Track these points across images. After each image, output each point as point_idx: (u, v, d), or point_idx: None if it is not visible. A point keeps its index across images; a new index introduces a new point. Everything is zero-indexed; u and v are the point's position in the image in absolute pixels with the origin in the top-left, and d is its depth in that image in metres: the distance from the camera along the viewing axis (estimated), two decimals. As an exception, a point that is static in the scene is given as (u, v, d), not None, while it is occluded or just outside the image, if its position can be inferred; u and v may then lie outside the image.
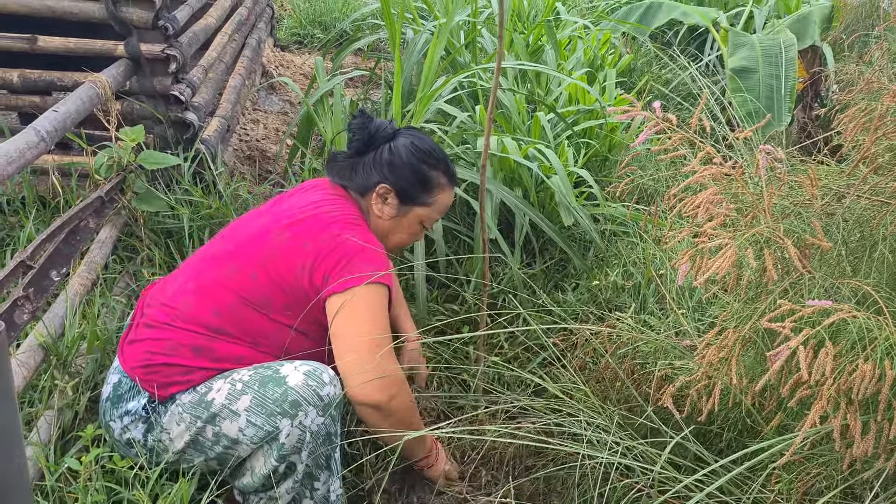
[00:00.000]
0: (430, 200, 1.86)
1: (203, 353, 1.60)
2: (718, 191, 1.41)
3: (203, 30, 3.10)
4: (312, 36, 5.41)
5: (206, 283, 1.66)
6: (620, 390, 1.86)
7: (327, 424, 1.58)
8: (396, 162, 1.80)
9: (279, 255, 1.65)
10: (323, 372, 1.58)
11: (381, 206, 1.82)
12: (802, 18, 4.20)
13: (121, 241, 2.47)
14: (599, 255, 2.75)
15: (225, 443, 1.56)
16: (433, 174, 1.84)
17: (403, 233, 1.88)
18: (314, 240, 1.65)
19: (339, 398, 1.59)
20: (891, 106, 1.43)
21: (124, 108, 2.70)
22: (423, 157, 1.82)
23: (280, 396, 1.53)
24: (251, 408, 1.53)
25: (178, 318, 1.63)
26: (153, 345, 1.61)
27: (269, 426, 1.53)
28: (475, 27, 3.48)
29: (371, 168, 1.80)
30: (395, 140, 1.83)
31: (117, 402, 1.61)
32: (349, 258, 1.63)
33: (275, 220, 1.72)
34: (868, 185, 1.46)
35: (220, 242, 1.75)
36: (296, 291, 1.65)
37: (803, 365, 1.14)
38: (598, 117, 3.23)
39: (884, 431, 1.19)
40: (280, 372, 1.56)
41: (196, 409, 1.56)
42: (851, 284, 1.33)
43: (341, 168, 1.84)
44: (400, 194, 1.81)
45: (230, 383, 1.57)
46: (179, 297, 1.66)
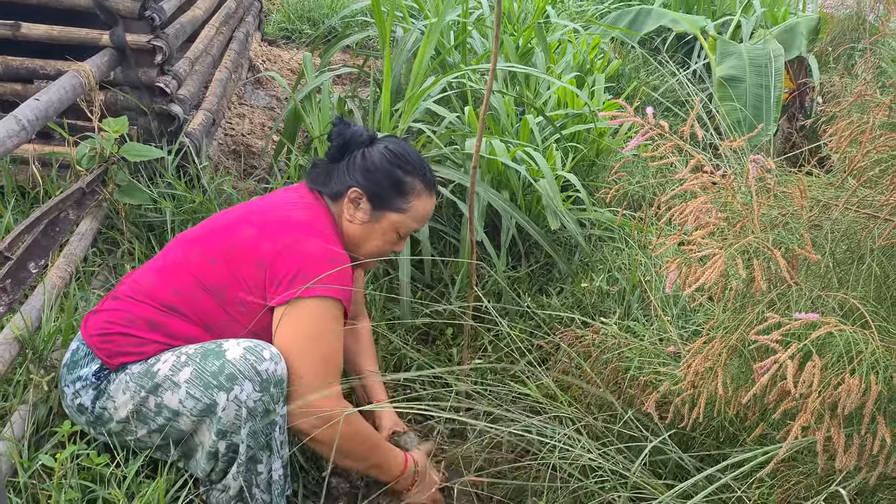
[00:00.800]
0: (405, 206, 1.80)
1: (158, 327, 1.61)
2: (708, 199, 1.41)
3: (190, 21, 3.07)
4: (301, 31, 5.37)
5: (170, 263, 1.69)
6: (602, 396, 1.86)
7: (265, 401, 1.54)
8: (369, 166, 1.78)
9: (240, 247, 1.65)
10: (264, 348, 1.56)
11: (352, 212, 1.79)
12: (790, 29, 4.23)
13: (101, 234, 2.44)
14: (585, 259, 2.74)
15: (166, 414, 1.57)
16: (408, 179, 1.80)
17: (377, 240, 1.82)
18: (274, 241, 1.64)
19: (281, 377, 1.56)
20: (881, 119, 1.43)
21: (108, 99, 2.66)
22: (398, 161, 1.79)
23: (218, 369, 1.53)
24: (191, 379, 1.54)
25: (140, 292, 1.65)
26: (113, 315, 1.63)
27: (206, 399, 1.53)
28: (465, 28, 3.47)
29: (345, 173, 1.79)
30: (371, 146, 1.81)
31: (73, 367, 1.63)
32: (302, 267, 1.60)
33: (246, 214, 1.73)
34: (856, 197, 1.47)
35: (196, 229, 1.78)
36: (251, 288, 1.64)
37: (790, 378, 1.13)
38: (587, 121, 3.23)
39: (866, 446, 1.19)
40: (222, 346, 1.57)
41: (141, 379, 1.57)
42: (838, 297, 1.33)
43: (318, 174, 1.84)
44: (372, 199, 1.78)
45: (176, 355, 1.58)
46: (147, 273, 1.70)
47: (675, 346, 1.81)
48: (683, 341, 1.88)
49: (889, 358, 1.19)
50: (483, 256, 2.69)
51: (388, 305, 2.46)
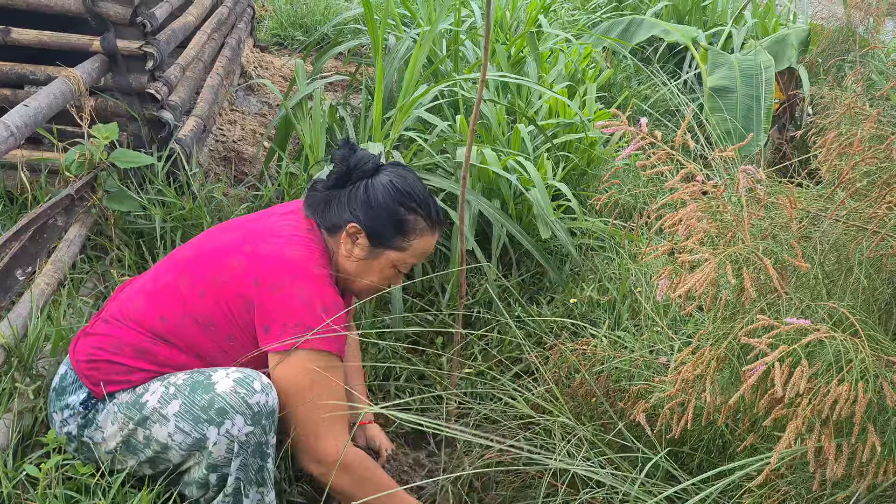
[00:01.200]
0: (406, 245, 1.70)
1: (145, 355, 1.57)
2: (699, 208, 1.41)
3: (182, 28, 3.06)
4: (293, 38, 5.37)
5: (160, 287, 1.62)
6: (594, 406, 1.85)
7: (257, 434, 1.51)
8: (371, 202, 1.66)
9: (230, 281, 1.57)
10: (254, 379, 1.51)
11: (350, 247, 1.68)
12: (780, 40, 4.25)
13: (90, 241, 2.42)
14: (576, 269, 2.74)
15: (155, 447, 1.53)
16: (410, 218, 1.69)
17: (374, 276, 1.72)
18: (264, 280, 1.55)
19: (273, 407, 1.52)
20: (870, 132, 1.44)
21: (98, 105, 2.65)
22: (401, 198, 1.67)
23: (207, 403, 1.48)
24: (180, 413, 1.49)
25: (129, 318, 1.60)
26: (102, 340, 1.59)
27: (196, 433, 1.49)
28: (458, 36, 3.48)
29: (345, 205, 1.67)
30: (376, 177, 1.69)
31: (61, 393, 1.59)
32: (293, 317, 1.54)
33: (240, 241, 1.63)
34: (845, 209, 1.47)
35: (189, 247, 1.69)
36: (239, 325, 1.57)
37: (778, 382, 1.13)
38: (578, 131, 3.24)
39: (857, 454, 1.19)
40: (212, 378, 1.51)
41: (130, 410, 1.53)
42: (827, 307, 1.33)
43: (316, 200, 1.71)
44: (371, 236, 1.66)
45: (164, 386, 1.53)
46: (137, 296, 1.63)
47: (665, 357, 1.81)
48: (674, 351, 1.88)
49: (879, 367, 1.19)
50: (474, 265, 2.69)
51: (377, 313, 2.45)
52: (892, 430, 1.24)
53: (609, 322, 2.37)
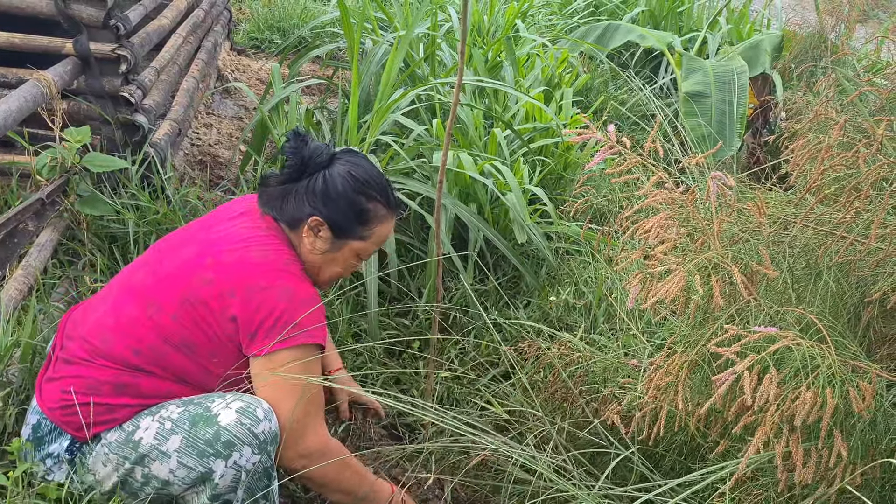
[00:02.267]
0: (367, 234, 1.70)
1: (126, 389, 1.50)
2: (670, 215, 1.42)
3: (156, 31, 3.04)
4: (270, 41, 5.35)
5: (125, 321, 1.54)
6: (568, 409, 1.86)
7: (264, 461, 1.50)
8: (331, 193, 1.63)
9: (203, 300, 1.52)
10: (257, 407, 1.49)
11: (313, 240, 1.65)
12: (754, 46, 4.30)
13: (62, 246, 2.39)
14: (552, 273, 2.76)
15: (156, 484, 1.49)
16: (370, 206, 1.67)
17: (338, 266, 1.72)
18: (240, 291, 1.52)
19: (276, 432, 1.51)
20: (838, 138, 1.46)
21: (71, 108, 2.62)
22: (361, 187, 1.66)
23: (213, 437, 1.45)
24: (182, 448, 1.46)
25: (97, 355, 1.52)
26: (72, 382, 1.51)
27: (202, 468, 1.45)
28: (435, 41, 3.48)
29: (304, 198, 1.63)
30: (331, 167, 1.66)
31: (39, 444, 1.52)
32: (278, 316, 1.52)
33: (200, 255, 1.58)
34: (814, 215, 1.49)
35: (143, 272, 1.62)
36: (221, 340, 1.54)
37: (747, 390, 1.15)
38: (554, 135, 3.25)
39: (823, 459, 1.21)
40: (211, 410, 1.48)
41: (123, 450, 1.48)
42: (796, 312, 1.35)
43: (272, 196, 1.67)
44: (334, 228, 1.64)
45: (159, 421, 1.48)
46: (98, 332, 1.55)
47: (639, 361, 1.83)
48: (648, 356, 1.89)
49: (845, 372, 1.21)
50: (450, 269, 2.69)
51: (354, 318, 2.45)
52: (859, 435, 1.26)
53: (585, 325, 2.39)
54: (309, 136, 1.69)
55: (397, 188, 2.69)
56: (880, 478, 1.29)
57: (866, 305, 1.52)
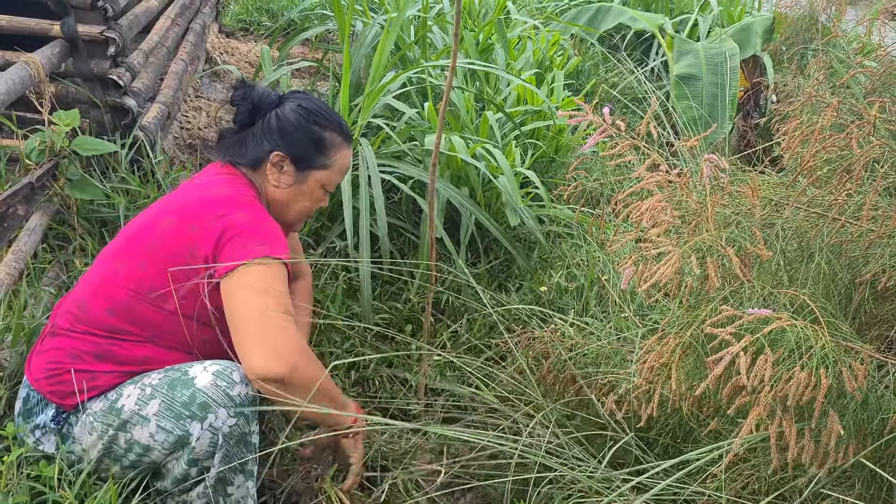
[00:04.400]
0: (329, 162, 1.77)
1: (105, 357, 1.53)
2: (663, 198, 1.42)
3: (144, 12, 3.00)
4: (259, 23, 5.30)
5: (98, 282, 1.58)
6: (561, 393, 1.87)
7: (240, 425, 1.50)
8: (286, 127, 1.71)
9: (165, 240, 1.56)
10: (233, 371, 1.50)
11: (277, 175, 1.72)
12: (745, 28, 4.30)
13: (52, 230, 2.37)
14: (544, 256, 2.76)
15: (138, 450, 1.50)
16: (326, 134, 1.75)
17: (305, 200, 1.78)
18: (200, 221, 1.55)
19: (253, 397, 1.52)
20: (830, 120, 1.46)
21: (59, 91, 2.59)
22: (314, 118, 1.74)
23: (188, 399, 1.46)
24: (160, 412, 1.47)
25: (78, 322, 1.55)
26: (55, 354, 1.54)
27: (178, 430, 1.46)
28: (425, 23, 3.46)
29: (261, 138, 1.71)
30: (282, 105, 1.74)
31: (28, 416, 1.55)
32: (238, 238, 1.54)
33: (163, 207, 1.63)
34: (806, 197, 1.50)
35: (116, 239, 1.67)
36: (188, 277, 1.55)
37: (743, 371, 1.16)
38: (546, 118, 3.25)
39: (822, 440, 1.22)
40: (189, 373, 1.50)
41: (107, 417, 1.50)
42: (789, 294, 1.36)
43: (230, 145, 1.74)
44: (295, 160, 1.73)
45: (140, 388, 1.50)
46: (77, 300, 1.59)
47: (632, 344, 1.84)
48: (640, 338, 1.90)
49: (838, 353, 1.22)
50: (442, 253, 2.69)
51: (346, 301, 2.44)
52: (851, 415, 1.27)
53: (577, 309, 2.39)
54: (253, 82, 1.74)
55: (389, 171, 2.68)
56: (871, 457, 1.31)
57: (857, 287, 1.53)
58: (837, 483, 1.39)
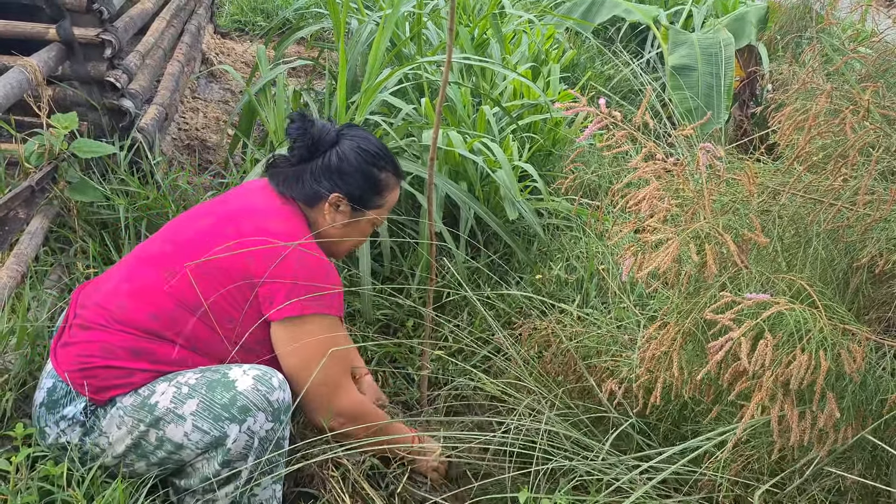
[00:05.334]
0: (382, 202, 1.82)
1: (141, 355, 1.54)
2: (661, 186, 1.43)
3: (140, 14, 3.01)
4: (254, 23, 5.31)
5: (142, 286, 1.59)
6: (563, 384, 1.89)
7: (276, 429, 1.54)
8: (346, 168, 1.74)
9: (222, 265, 1.58)
10: (272, 376, 1.54)
11: (333, 215, 1.75)
12: (739, 18, 4.30)
13: (53, 233, 2.38)
14: (543, 249, 2.77)
15: (169, 447, 1.51)
16: (383, 176, 1.79)
17: (356, 236, 1.82)
18: (260, 256, 1.59)
19: (289, 403, 1.56)
20: (825, 106, 1.47)
21: (56, 94, 2.60)
22: (373, 160, 1.77)
23: (229, 401, 1.49)
24: (198, 412, 1.49)
25: (113, 321, 1.56)
26: (88, 347, 1.54)
27: (216, 431, 1.49)
28: (420, 19, 3.47)
29: (320, 176, 1.73)
30: (341, 144, 1.76)
31: (53, 407, 1.54)
32: (296, 284, 1.59)
33: (218, 225, 1.64)
34: (802, 183, 1.51)
35: (159, 242, 1.67)
36: (239, 305, 1.59)
37: (744, 355, 1.17)
38: (543, 112, 3.25)
39: (817, 421, 1.23)
40: (228, 375, 1.52)
41: (139, 413, 1.51)
42: (786, 279, 1.37)
43: (285, 177, 1.76)
44: (352, 201, 1.76)
45: (175, 386, 1.51)
46: (113, 298, 1.58)
47: (632, 333, 1.85)
48: (641, 327, 1.91)
49: (836, 335, 1.23)
50: (442, 248, 2.70)
51: (347, 298, 2.46)
52: (850, 396, 1.28)
53: (577, 300, 2.41)
54: (311, 115, 1.78)
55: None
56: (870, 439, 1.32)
57: (855, 271, 1.54)
58: (837, 464, 1.41)
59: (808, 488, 1.45)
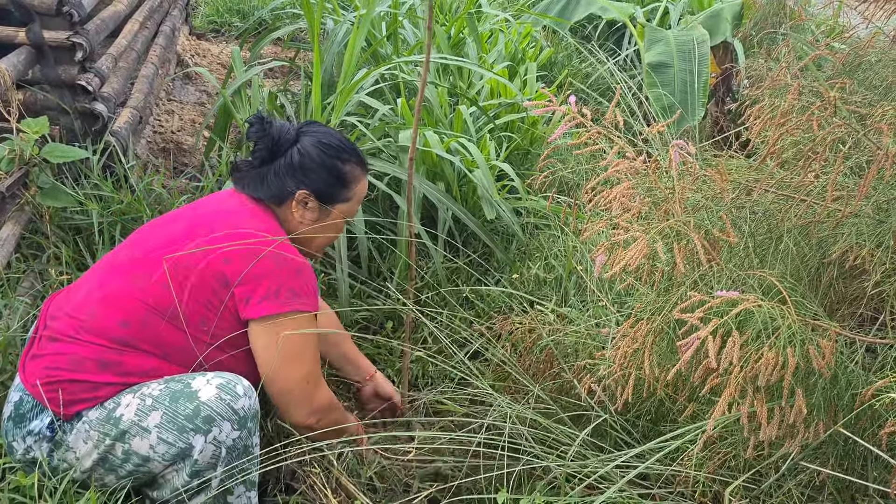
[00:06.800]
0: (350, 194, 1.81)
1: (109, 367, 1.52)
2: (633, 184, 1.44)
3: (112, 17, 2.98)
4: (230, 24, 5.27)
5: (113, 293, 1.57)
6: (540, 380, 1.89)
7: (243, 437, 1.53)
8: (309, 165, 1.73)
9: (193, 266, 1.57)
10: (237, 384, 1.52)
11: (302, 212, 1.75)
12: (715, 15, 4.33)
13: (24, 239, 2.35)
14: (522, 248, 2.77)
15: (136, 460, 1.50)
16: (347, 168, 1.78)
17: (329, 231, 1.82)
18: (234, 256, 1.58)
19: (256, 410, 1.55)
20: (794, 103, 1.48)
21: (27, 99, 2.57)
22: (335, 153, 1.76)
23: (192, 412, 1.47)
24: (162, 424, 1.47)
25: (83, 330, 1.54)
26: (56, 360, 1.52)
27: (181, 443, 1.47)
28: (396, 18, 3.46)
29: (283, 176, 1.72)
30: (301, 141, 1.75)
31: (20, 421, 1.52)
32: (272, 282, 1.59)
33: (189, 229, 1.63)
34: (774, 179, 1.52)
35: (129, 248, 1.66)
36: (215, 305, 1.58)
37: (711, 354, 1.17)
38: (520, 111, 3.26)
39: (787, 417, 1.24)
40: (191, 386, 1.50)
41: (104, 426, 1.49)
42: (758, 275, 1.38)
43: (250, 180, 1.75)
44: (320, 196, 1.76)
45: (139, 398, 1.49)
46: (85, 307, 1.56)
47: (607, 328, 1.85)
48: (617, 325, 1.92)
49: (805, 331, 1.24)
50: (420, 248, 2.70)
51: (326, 300, 2.44)
52: (821, 392, 1.29)
53: (556, 299, 2.41)
54: (270, 116, 1.77)
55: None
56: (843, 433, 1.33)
57: (826, 266, 1.56)
58: (812, 459, 1.42)
59: (784, 484, 1.46)
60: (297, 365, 1.64)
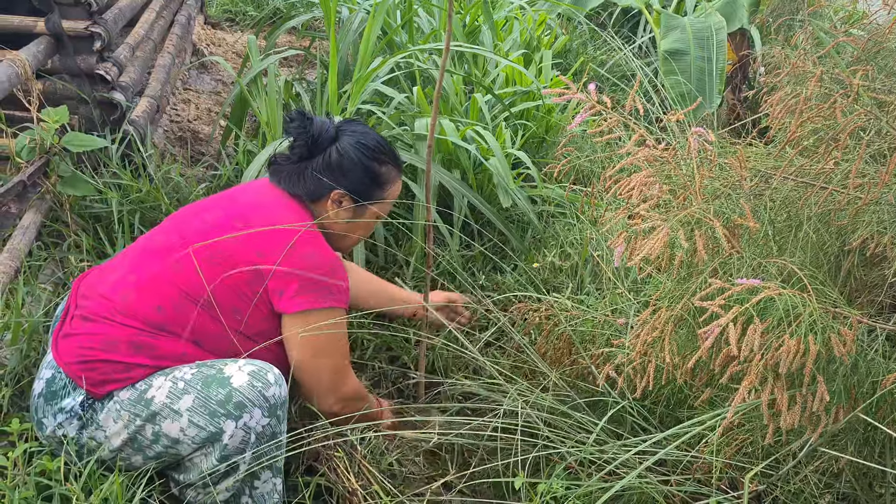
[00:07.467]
0: (384, 196, 1.83)
1: (142, 349, 1.55)
2: (652, 173, 1.44)
3: (129, 6, 2.99)
4: (245, 13, 5.27)
5: (148, 277, 1.59)
6: (558, 365, 1.89)
7: (272, 424, 1.55)
8: (346, 165, 1.75)
9: (231, 257, 1.60)
10: (268, 372, 1.55)
11: (336, 211, 1.77)
12: (731, 1, 4.29)
13: (45, 227, 2.38)
14: (537, 236, 2.77)
15: (165, 442, 1.52)
16: (384, 170, 1.80)
17: (361, 230, 1.85)
18: (269, 251, 1.61)
19: (285, 398, 1.58)
20: (815, 90, 1.47)
21: (46, 88, 2.59)
22: (373, 154, 1.78)
23: (224, 397, 1.50)
24: (193, 408, 1.50)
25: (117, 313, 1.56)
26: (89, 339, 1.55)
27: (212, 427, 1.50)
28: (412, 6, 3.45)
29: (321, 173, 1.74)
30: (340, 140, 1.77)
31: (51, 398, 1.55)
32: (306, 278, 1.62)
33: (226, 219, 1.66)
34: (794, 167, 1.51)
35: (165, 234, 1.68)
36: (248, 296, 1.61)
37: (732, 341, 1.17)
38: (535, 99, 3.25)
39: (808, 404, 1.24)
40: (224, 371, 1.53)
41: (135, 407, 1.52)
42: (778, 263, 1.37)
43: (287, 174, 1.77)
44: (355, 197, 1.77)
45: (171, 381, 1.52)
46: (119, 289, 1.59)
47: (626, 318, 1.86)
48: (635, 313, 1.92)
49: (826, 319, 1.23)
50: (436, 236, 2.71)
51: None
52: (841, 379, 1.29)
53: (572, 287, 2.41)
54: (310, 113, 1.78)
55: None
56: (863, 420, 1.33)
57: (846, 254, 1.55)
58: (831, 446, 1.42)
59: (802, 471, 1.46)
60: (327, 358, 1.69)
